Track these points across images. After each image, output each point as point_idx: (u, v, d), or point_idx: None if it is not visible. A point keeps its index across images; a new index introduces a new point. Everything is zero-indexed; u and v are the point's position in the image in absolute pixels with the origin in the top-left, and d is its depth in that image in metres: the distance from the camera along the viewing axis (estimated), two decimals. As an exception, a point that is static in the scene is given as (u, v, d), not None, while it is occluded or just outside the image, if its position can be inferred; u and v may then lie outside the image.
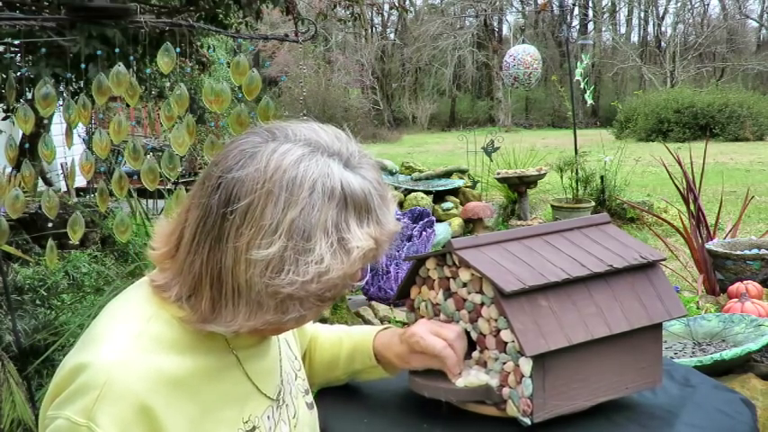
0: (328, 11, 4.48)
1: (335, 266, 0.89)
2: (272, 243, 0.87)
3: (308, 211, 0.88)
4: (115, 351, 0.89)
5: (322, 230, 0.88)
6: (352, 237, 0.89)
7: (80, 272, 3.90)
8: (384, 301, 3.64)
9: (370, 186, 0.93)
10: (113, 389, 0.86)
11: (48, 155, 2.15)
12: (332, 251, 0.89)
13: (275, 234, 0.87)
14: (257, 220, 0.87)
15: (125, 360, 0.88)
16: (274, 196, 0.87)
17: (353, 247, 0.89)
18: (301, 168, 0.89)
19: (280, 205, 0.87)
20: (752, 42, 33.39)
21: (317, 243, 0.88)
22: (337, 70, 26.42)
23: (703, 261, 4.13)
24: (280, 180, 0.88)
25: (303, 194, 0.88)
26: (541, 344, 1.08)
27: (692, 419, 1.20)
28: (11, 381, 2.29)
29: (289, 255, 0.87)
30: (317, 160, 0.90)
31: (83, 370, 0.88)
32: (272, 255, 0.87)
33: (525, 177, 7.42)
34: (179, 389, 0.91)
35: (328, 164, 0.90)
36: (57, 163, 6.32)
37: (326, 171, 0.89)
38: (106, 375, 0.86)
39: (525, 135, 18.72)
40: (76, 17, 2.25)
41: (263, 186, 0.88)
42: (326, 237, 0.88)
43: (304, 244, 0.88)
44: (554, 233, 1.25)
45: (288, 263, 0.88)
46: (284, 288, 0.88)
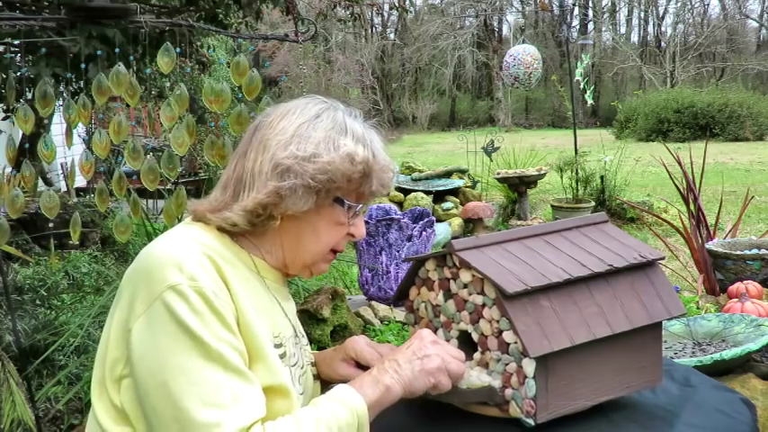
0: (328, 11, 4.48)
1: (326, 155, 1.13)
2: (282, 135, 1.15)
3: (313, 122, 1.17)
4: (173, 239, 1.12)
5: (322, 131, 1.16)
6: (345, 142, 1.15)
7: (80, 272, 3.90)
8: (384, 301, 3.64)
9: (370, 135, 1.20)
10: (189, 259, 1.05)
11: (48, 155, 2.15)
12: (326, 144, 1.14)
13: (286, 131, 1.16)
14: (275, 128, 1.17)
15: (188, 239, 1.11)
16: (290, 114, 1.18)
17: (343, 144, 1.15)
18: (314, 105, 1.20)
19: (293, 118, 1.17)
20: (752, 42, 33.38)
21: (315, 137, 1.15)
22: (337, 70, 26.40)
23: (703, 261, 4.13)
24: (295, 108, 1.19)
25: (312, 113, 1.18)
26: (545, 345, 1.08)
27: (692, 419, 1.20)
28: (11, 381, 2.29)
29: (292, 140, 1.14)
30: (329, 107, 1.20)
31: (153, 259, 1.07)
32: (278, 141, 1.15)
33: (525, 177, 7.42)
34: (236, 273, 1.12)
35: (337, 110, 1.20)
36: (57, 163, 6.32)
37: (334, 111, 1.20)
38: (178, 257, 1.05)
39: (525, 135, 18.71)
40: (76, 17, 2.25)
41: (282, 111, 1.19)
42: (324, 136, 1.15)
43: (306, 136, 1.15)
44: (554, 233, 1.25)
45: (292, 146, 1.14)
46: (285, 161, 1.13)
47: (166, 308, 1.01)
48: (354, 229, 1.22)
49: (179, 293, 1.02)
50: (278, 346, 1.15)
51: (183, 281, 1.02)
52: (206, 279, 1.04)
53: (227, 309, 1.05)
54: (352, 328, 3.05)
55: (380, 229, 3.60)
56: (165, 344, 1.01)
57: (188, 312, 1.01)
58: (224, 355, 1.01)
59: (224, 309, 1.04)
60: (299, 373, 1.21)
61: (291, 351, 1.19)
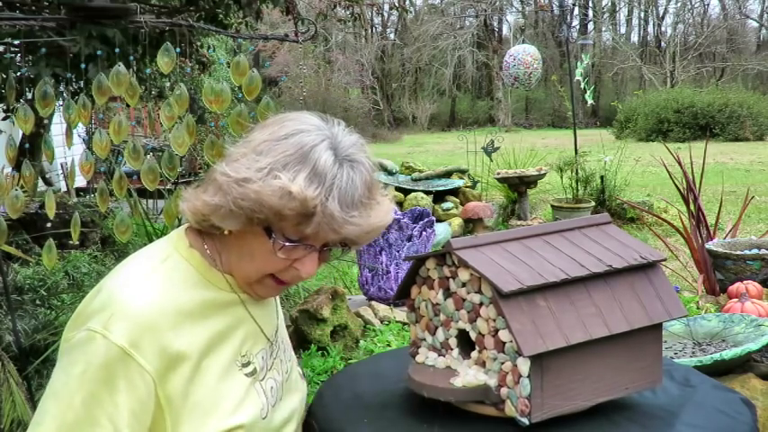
0: (328, 11, 4.47)
1: (258, 183, 1.05)
2: (239, 147, 1.12)
3: (276, 143, 1.08)
4: (131, 283, 1.09)
5: (272, 156, 1.07)
6: (288, 177, 1.04)
7: (80, 272, 3.90)
8: (384, 301, 3.64)
9: (338, 174, 1.07)
10: (126, 309, 1.04)
11: (48, 155, 2.15)
12: (263, 171, 1.05)
13: (246, 143, 1.11)
14: (247, 135, 1.13)
15: (140, 290, 1.08)
16: (269, 127, 1.12)
17: (279, 179, 1.04)
18: (299, 125, 1.11)
19: (265, 132, 1.11)
20: (752, 42, 33.38)
21: (262, 161, 1.07)
22: (337, 70, 26.41)
23: (703, 261, 4.13)
24: (281, 122, 1.12)
25: (282, 133, 1.09)
26: (539, 344, 1.08)
27: (692, 419, 1.20)
28: (11, 381, 2.29)
29: (239, 158, 1.09)
30: (313, 131, 1.10)
31: (101, 296, 1.08)
32: (232, 151, 1.11)
33: (525, 177, 7.42)
34: (186, 318, 1.09)
35: (318, 136, 1.09)
36: (57, 163, 6.32)
37: (312, 136, 1.09)
38: (120, 300, 1.06)
39: (525, 135, 18.71)
40: (76, 17, 2.25)
41: (270, 122, 1.14)
42: (270, 161, 1.06)
43: (254, 157, 1.08)
44: (554, 233, 1.25)
45: (233, 160, 1.09)
46: (219, 176, 1.08)
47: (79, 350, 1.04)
48: (300, 266, 1.13)
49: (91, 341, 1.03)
50: (245, 365, 1.16)
51: (99, 330, 1.03)
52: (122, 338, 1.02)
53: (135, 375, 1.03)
54: (352, 328, 3.06)
55: (380, 229, 3.61)
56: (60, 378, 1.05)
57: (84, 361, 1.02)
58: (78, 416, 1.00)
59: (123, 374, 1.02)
60: (271, 384, 1.21)
61: (261, 364, 1.19)
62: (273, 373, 1.23)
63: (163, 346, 1.05)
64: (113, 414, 1.01)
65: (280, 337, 1.32)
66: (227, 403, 1.11)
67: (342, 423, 1.24)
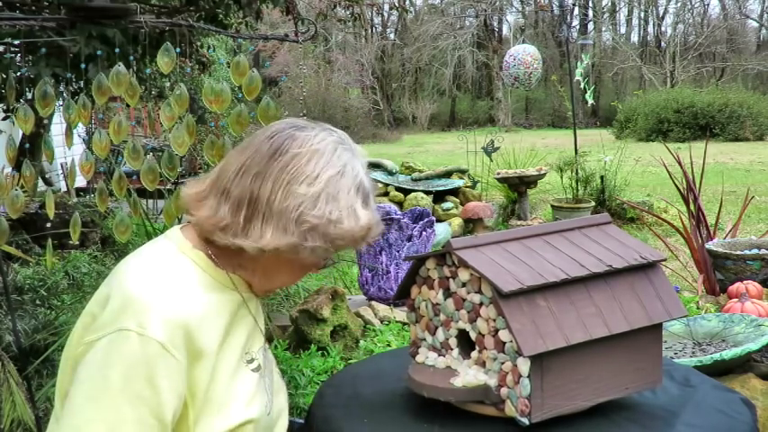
0: (328, 11, 4.47)
1: (347, 222, 1.13)
2: (312, 185, 1.12)
3: (339, 176, 1.13)
4: (153, 283, 1.11)
5: (344, 195, 1.13)
6: (362, 213, 1.15)
7: (80, 272, 3.90)
8: (384, 301, 3.64)
9: (371, 186, 1.20)
10: (158, 307, 1.06)
11: (48, 155, 2.15)
12: (347, 211, 1.13)
13: (315, 180, 1.12)
14: (302, 166, 1.12)
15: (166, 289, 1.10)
16: (319, 155, 1.14)
17: (360, 217, 1.14)
18: (335, 149, 1.16)
19: (321, 163, 1.13)
20: (752, 42, 33.36)
21: (341, 201, 1.13)
22: (337, 70, 26.39)
23: (703, 261, 4.13)
24: (324, 148, 1.15)
25: (338, 166, 1.14)
26: (539, 344, 1.08)
27: (691, 419, 1.20)
28: (11, 381, 2.29)
29: (321, 197, 1.12)
30: (348, 153, 1.17)
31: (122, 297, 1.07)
32: (312, 193, 1.11)
33: (525, 177, 7.41)
34: (206, 316, 1.12)
35: (354, 157, 1.18)
36: (57, 163, 6.32)
37: (353, 159, 1.17)
38: (149, 299, 1.07)
39: (525, 135, 18.70)
40: (76, 17, 2.25)
41: (310, 146, 1.14)
42: (346, 201, 1.14)
43: (334, 196, 1.12)
44: (554, 233, 1.25)
45: (321, 203, 1.12)
46: (312, 219, 1.11)
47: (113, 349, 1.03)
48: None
49: (126, 339, 1.03)
50: (250, 361, 1.20)
51: (135, 328, 1.04)
52: (160, 333, 1.04)
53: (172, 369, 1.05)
54: (352, 328, 3.06)
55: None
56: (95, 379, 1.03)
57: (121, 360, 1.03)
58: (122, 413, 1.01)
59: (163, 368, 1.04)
60: (269, 380, 1.25)
61: (262, 361, 1.24)
62: (267, 372, 1.27)
63: (191, 342, 1.08)
64: (158, 411, 1.03)
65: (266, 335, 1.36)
66: (241, 397, 1.15)
67: (342, 423, 1.24)
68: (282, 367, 2.65)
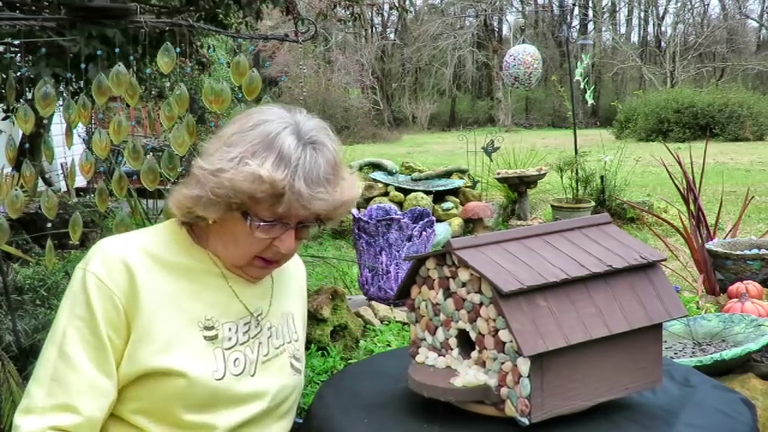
0: (328, 11, 4.47)
1: (230, 171, 1.17)
2: (212, 141, 1.25)
3: (243, 134, 1.21)
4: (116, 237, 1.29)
5: (242, 146, 1.19)
6: (257, 163, 1.17)
7: (80, 272, 3.89)
8: (384, 301, 3.64)
9: (302, 155, 1.19)
10: (104, 249, 1.24)
11: (48, 155, 2.15)
12: (234, 161, 1.18)
13: (218, 137, 1.24)
14: (219, 130, 1.27)
15: (123, 236, 1.30)
16: (238, 121, 1.25)
17: (249, 166, 1.17)
18: (263, 116, 1.23)
19: (235, 126, 1.24)
20: (752, 42, 33.36)
21: (232, 151, 1.19)
22: (337, 70, 26.38)
23: (703, 261, 4.13)
24: (247, 115, 1.25)
25: (249, 124, 1.22)
26: (539, 344, 1.08)
27: (692, 419, 1.20)
28: (11, 381, 2.29)
29: (212, 151, 1.22)
30: (277, 120, 1.23)
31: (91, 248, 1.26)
32: (207, 147, 1.25)
33: (525, 177, 7.41)
34: (160, 265, 1.26)
35: (281, 124, 1.22)
36: (57, 163, 6.32)
37: (275, 124, 1.21)
38: (103, 242, 1.26)
39: (525, 135, 18.70)
40: (76, 17, 2.25)
41: (240, 116, 1.26)
42: (240, 150, 1.19)
43: (226, 148, 1.21)
44: (554, 233, 1.25)
45: (210, 155, 1.22)
46: (196, 170, 1.22)
47: (69, 285, 1.25)
48: (279, 243, 1.26)
49: (73, 276, 1.24)
50: (208, 328, 1.27)
51: (81, 265, 1.23)
52: (97, 266, 1.22)
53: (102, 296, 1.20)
54: (352, 328, 3.06)
55: (380, 229, 3.60)
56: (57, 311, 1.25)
57: (69, 291, 1.23)
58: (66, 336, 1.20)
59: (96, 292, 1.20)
60: (237, 356, 1.29)
61: (227, 335, 1.29)
62: (245, 349, 1.31)
63: (132, 279, 1.22)
64: (96, 330, 1.20)
65: (276, 323, 1.39)
66: (177, 351, 1.23)
67: (342, 423, 1.24)
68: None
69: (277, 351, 1.37)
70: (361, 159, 8.64)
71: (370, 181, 8.02)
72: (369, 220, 3.66)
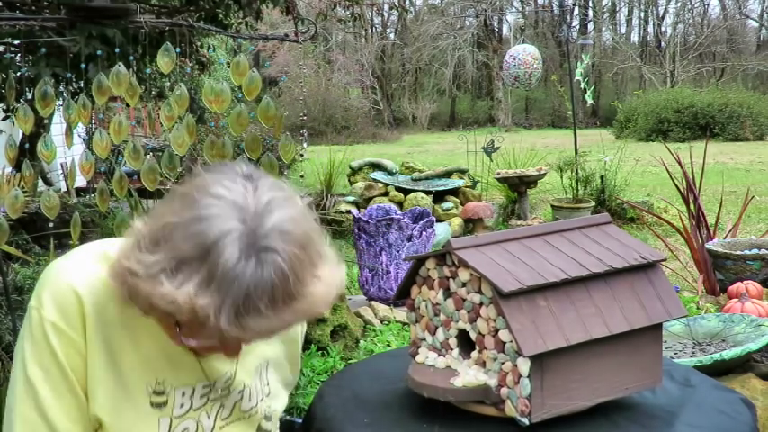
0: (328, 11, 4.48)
1: (144, 280, 0.91)
2: (143, 223, 0.97)
3: (175, 230, 0.91)
4: (69, 260, 1.10)
5: (165, 253, 0.90)
6: (176, 285, 0.89)
7: (80, 272, 3.89)
8: (384, 301, 3.64)
9: (244, 279, 0.88)
10: (55, 286, 1.06)
11: (47, 155, 2.15)
12: (151, 270, 0.90)
13: (150, 221, 0.96)
14: (159, 206, 0.98)
15: (71, 265, 1.09)
16: (179, 200, 0.94)
17: (164, 285, 0.89)
18: (209, 203, 0.91)
19: (172, 207, 0.94)
20: (752, 42, 33.36)
21: (154, 255, 0.91)
22: (337, 70, 26.39)
23: (703, 261, 4.13)
24: (191, 194, 0.93)
25: (186, 217, 0.91)
26: (539, 344, 1.08)
27: (691, 419, 1.20)
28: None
29: (136, 242, 0.94)
30: (224, 216, 0.90)
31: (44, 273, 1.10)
32: (135, 230, 0.96)
33: (525, 177, 7.41)
34: (113, 311, 1.06)
35: (228, 225, 0.89)
36: (57, 163, 6.32)
37: (218, 227, 0.89)
38: (52, 276, 1.08)
39: (525, 135, 18.70)
40: (76, 17, 2.25)
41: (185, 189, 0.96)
42: (160, 259, 0.90)
43: (148, 246, 0.92)
44: (554, 233, 1.25)
45: (130, 247, 0.95)
46: (114, 253, 0.99)
47: (24, 326, 1.09)
48: (217, 347, 1.03)
49: (29, 317, 1.07)
50: (158, 393, 1.10)
51: (35, 305, 1.07)
52: (51, 311, 1.05)
53: (65, 343, 1.06)
54: (352, 328, 3.06)
55: (380, 229, 3.60)
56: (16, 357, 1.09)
57: (27, 335, 1.07)
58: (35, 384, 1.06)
59: (58, 342, 1.06)
60: (187, 425, 1.12)
61: (180, 401, 1.11)
62: (199, 415, 1.14)
63: (84, 316, 1.06)
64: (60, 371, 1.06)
65: (249, 382, 1.19)
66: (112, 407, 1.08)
67: (341, 423, 1.24)
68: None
69: (244, 414, 1.19)
70: (361, 159, 8.65)
71: (370, 181, 8.02)
72: (369, 220, 3.66)
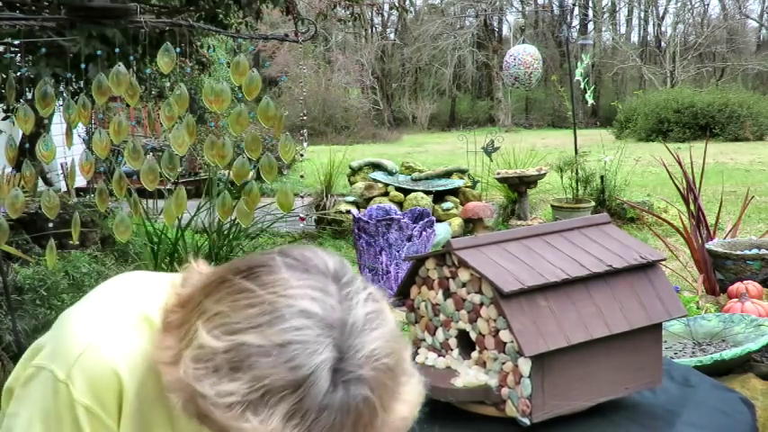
0: (328, 11, 4.48)
1: (218, 410, 0.75)
2: (218, 337, 0.78)
3: (262, 356, 0.75)
4: (104, 323, 0.91)
5: (250, 383, 0.75)
6: (258, 420, 0.74)
7: (80, 272, 3.90)
8: (384, 301, 3.64)
9: (331, 412, 0.74)
10: (94, 355, 0.88)
11: (47, 155, 2.15)
12: (231, 399, 0.75)
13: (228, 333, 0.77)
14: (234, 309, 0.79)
15: (114, 337, 0.90)
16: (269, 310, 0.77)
17: (249, 422, 0.74)
18: (297, 324, 0.76)
19: (259, 319, 0.77)
20: (752, 42, 33.35)
21: (234, 382, 0.75)
22: (337, 70, 26.39)
23: (703, 261, 4.13)
24: (269, 304, 0.77)
25: (277, 340, 0.75)
26: (540, 344, 1.08)
27: (691, 419, 1.20)
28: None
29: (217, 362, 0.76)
30: (319, 338, 0.75)
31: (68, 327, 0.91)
32: (201, 350, 0.78)
33: (525, 177, 7.41)
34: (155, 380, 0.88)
35: (323, 352, 0.75)
36: (57, 163, 6.32)
37: (315, 356, 0.75)
38: (91, 344, 0.88)
39: (525, 135, 18.70)
40: (76, 17, 2.25)
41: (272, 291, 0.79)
42: (246, 390, 0.75)
43: (227, 371, 0.76)
44: (554, 233, 1.25)
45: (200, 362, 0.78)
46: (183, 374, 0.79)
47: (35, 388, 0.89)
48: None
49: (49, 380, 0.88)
50: None
51: (63, 379, 0.88)
52: (86, 394, 0.87)
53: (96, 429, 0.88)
54: (352, 327, 3.06)
55: (380, 229, 3.60)
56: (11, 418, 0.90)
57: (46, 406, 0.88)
58: None
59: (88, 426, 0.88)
60: None
61: None
62: None
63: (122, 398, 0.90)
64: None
65: None
66: None
67: (342, 423, 1.24)
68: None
69: None
70: (361, 159, 8.65)
71: (370, 181, 8.02)
72: (369, 220, 3.66)
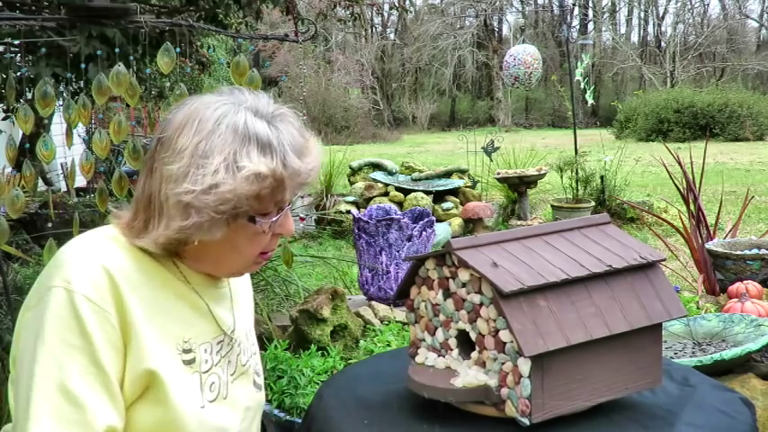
0: (328, 11, 4.48)
1: (227, 181, 1.05)
2: (178, 160, 1.07)
3: (210, 137, 1.07)
4: (84, 244, 1.12)
5: (219, 152, 1.06)
6: (249, 161, 1.06)
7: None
8: (384, 301, 3.64)
9: (278, 134, 1.10)
10: (81, 260, 1.08)
11: (47, 155, 2.15)
12: (225, 167, 1.06)
13: (183, 153, 1.07)
14: (173, 145, 1.09)
15: (94, 244, 1.11)
16: (188, 127, 1.09)
17: (244, 166, 1.06)
18: (215, 110, 1.10)
19: (190, 133, 1.09)
20: (752, 42, 33.36)
21: (213, 161, 1.06)
22: (337, 70, 26.39)
23: (703, 261, 4.13)
24: (194, 116, 1.10)
25: (210, 126, 1.08)
26: (540, 344, 1.08)
27: (691, 419, 1.20)
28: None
29: (189, 170, 1.07)
30: (231, 108, 1.10)
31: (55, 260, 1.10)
32: (176, 169, 1.07)
33: (525, 177, 7.42)
34: (136, 276, 1.10)
35: (239, 110, 1.10)
36: (57, 163, 6.32)
37: (234, 113, 1.10)
38: (74, 253, 1.09)
39: (525, 135, 18.71)
40: (76, 17, 2.25)
41: (182, 121, 1.11)
42: (222, 157, 1.06)
43: (203, 161, 1.06)
44: (554, 233, 1.25)
45: (188, 176, 1.06)
46: (183, 196, 1.06)
47: (45, 307, 1.04)
48: (281, 229, 1.17)
49: (50, 296, 1.04)
50: (186, 351, 1.14)
51: (60, 284, 1.05)
52: (84, 286, 1.05)
53: (98, 317, 1.05)
54: (352, 328, 3.06)
55: (380, 229, 3.60)
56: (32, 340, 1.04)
57: (48, 313, 1.04)
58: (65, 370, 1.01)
59: (90, 315, 1.04)
60: (212, 380, 1.17)
61: (204, 357, 1.17)
62: (219, 370, 1.19)
63: (117, 291, 1.07)
64: (96, 359, 1.03)
65: (242, 337, 1.28)
66: (162, 385, 1.09)
67: (341, 424, 1.24)
68: (282, 367, 2.65)
69: (244, 368, 1.27)
70: (361, 159, 8.65)
71: (370, 181, 8.02)
72: (369, 220, 3.65)
